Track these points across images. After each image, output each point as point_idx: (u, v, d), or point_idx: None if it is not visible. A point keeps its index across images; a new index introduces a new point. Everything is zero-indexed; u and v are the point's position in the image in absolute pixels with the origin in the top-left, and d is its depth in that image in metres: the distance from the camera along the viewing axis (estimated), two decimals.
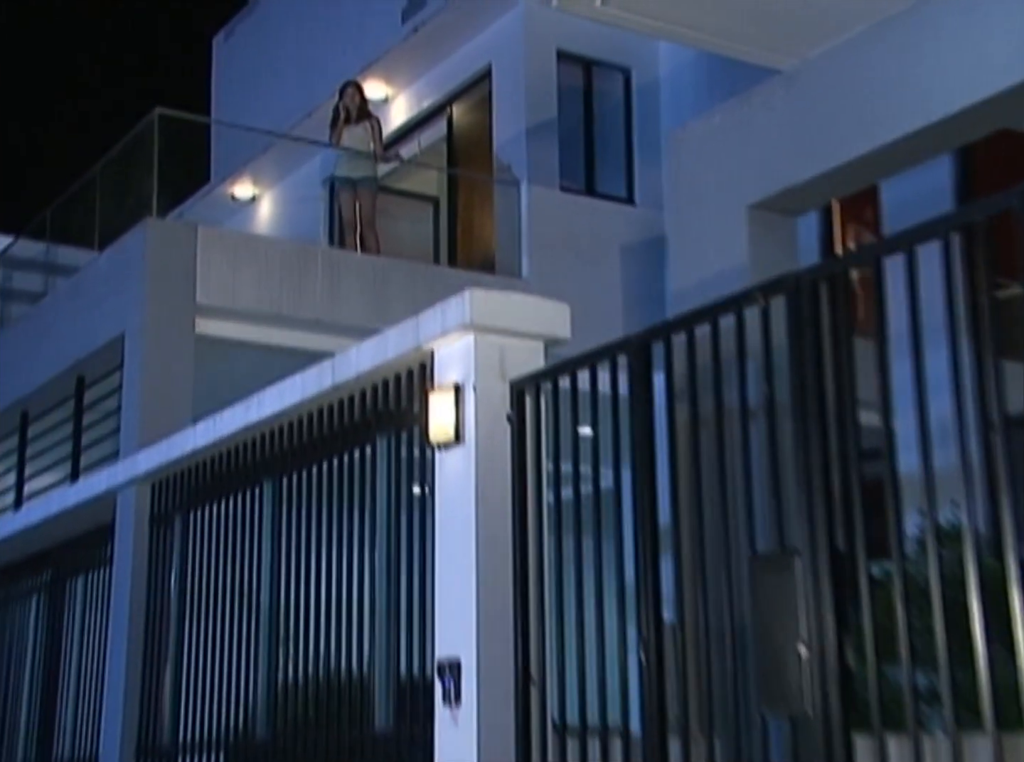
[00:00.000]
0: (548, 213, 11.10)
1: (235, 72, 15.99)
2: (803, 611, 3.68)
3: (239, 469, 6.82)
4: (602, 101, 11.91)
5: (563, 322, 5.03)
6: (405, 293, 10.12)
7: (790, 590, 3.70)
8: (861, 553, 3.60)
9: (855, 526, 3.63)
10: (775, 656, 3.71)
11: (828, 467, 3.76)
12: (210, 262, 9.55)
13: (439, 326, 5.05)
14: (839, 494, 3.71)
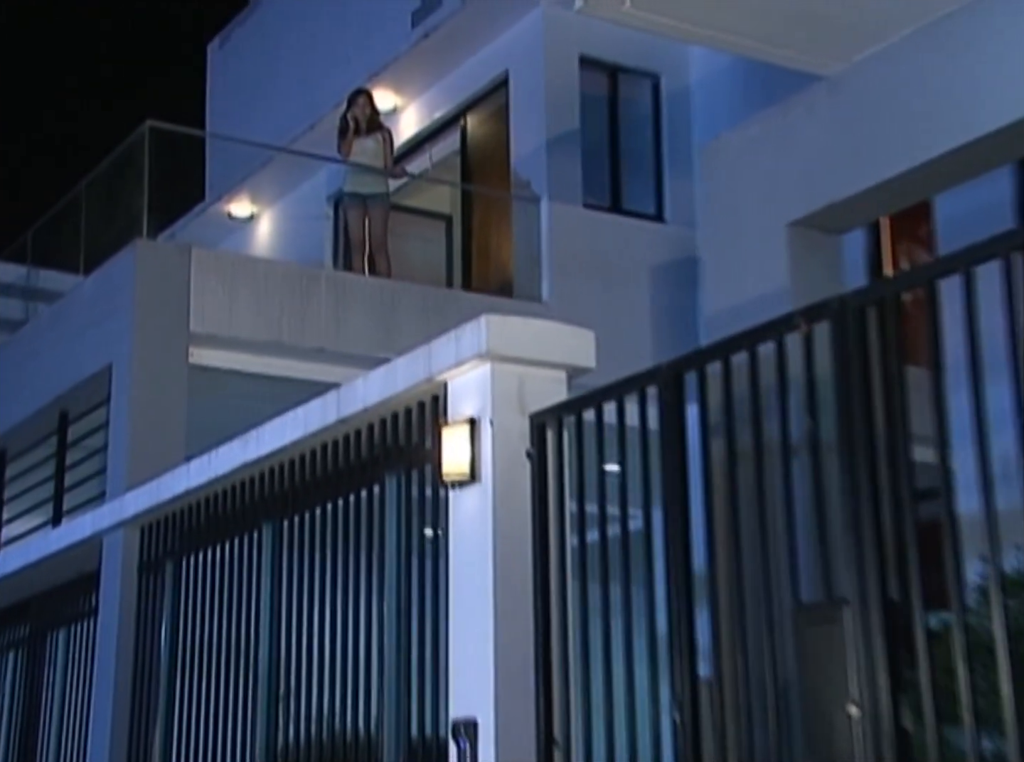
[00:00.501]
0: (570, 232, 11.13)
1: (232, 81, 16.13)
2: (853, 667, 3.64)
3: (236, 511, 6.82)
4: (629, 110, 11.97)
5: (587, 350, 5.07)
6: (416, 319, 10.15)
7: (839, 644, 3.67)
8: (917, 603, 3.56)
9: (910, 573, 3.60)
10: (822, 717, 3.68)
11: (879, 509, 3.73)
12: (205, 286, 9.60)
13: (453, 355, 5.09)
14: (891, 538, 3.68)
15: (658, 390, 4.47)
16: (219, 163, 15.26)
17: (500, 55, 11.87)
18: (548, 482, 4.89)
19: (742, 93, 11.03)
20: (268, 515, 6.54)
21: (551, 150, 11.26)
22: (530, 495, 4.91)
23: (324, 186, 13.81)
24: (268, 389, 9.73)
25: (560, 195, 11.17)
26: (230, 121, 15.72)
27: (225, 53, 16.32)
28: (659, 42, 10.86)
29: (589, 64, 11.67)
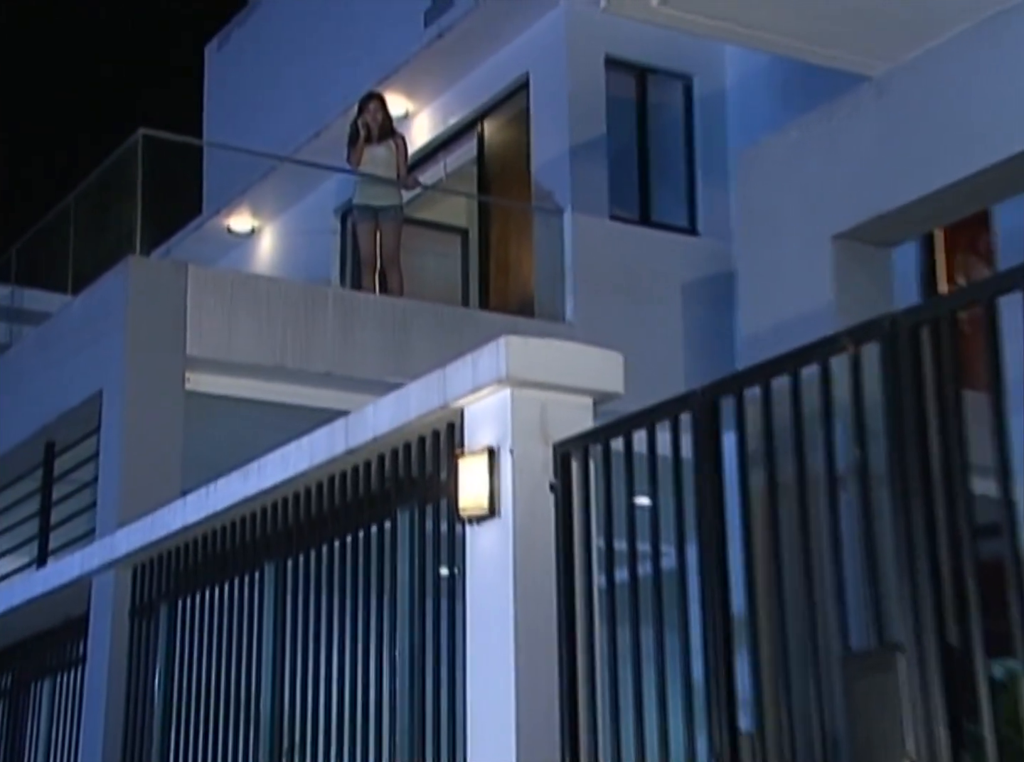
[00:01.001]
0: (596, 246, 11.14)
1: (231, 86, 16.23)
2: (909, 720, 3.60)
3: (236, 549, 6.82)
4: (659, 115, 11.99)
5: (615, 374, 5.08)
6: (430, 341, 10.17)
7: (892, 694, 3.63)
8: (978, 649, 3.53)
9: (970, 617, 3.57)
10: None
11: (936, 546, 3.70)
12: (203, 307, 9.63)
13: (470, 380, 5.11)
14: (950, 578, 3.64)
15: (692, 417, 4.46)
16: (217, 174, 15.33)
17: (520, 56, 11.92)
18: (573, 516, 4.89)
19: (781, 95, 11.03)
20: (271, 554, 6.53)
21: (575, 158, 11.28)
22: (554, 531, 4.90)
23: (331, 198, 13.86)
24: (270, 417, 9.74)
25: (585, 206, 11.19)
26: (229, 129, 15.80)
27: (224, 56, 16.42)
28: (691, 41, 10.86)
29: (615, 65, 11.69)
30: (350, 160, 11.35)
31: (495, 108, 12.39)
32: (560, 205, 11.22)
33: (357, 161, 11.29)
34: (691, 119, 11.92)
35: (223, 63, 16.44)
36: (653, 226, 11.52)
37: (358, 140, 11.24)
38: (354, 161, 11.31)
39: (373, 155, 11.23)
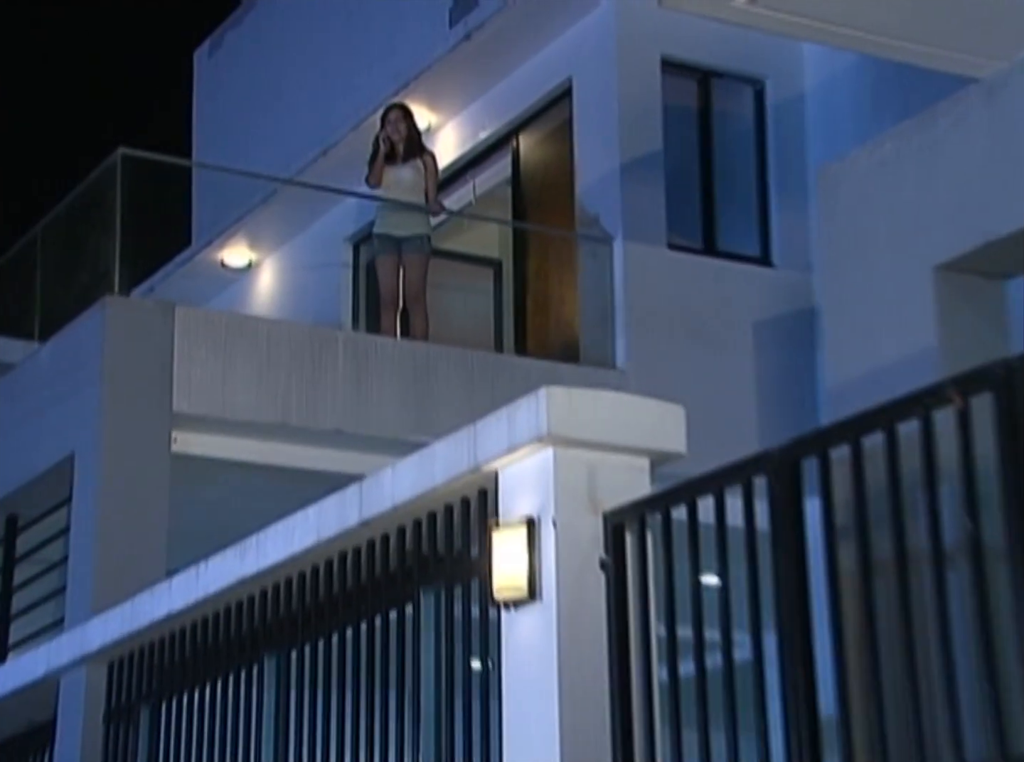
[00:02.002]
0: (652, 280, 11.15)
1: (224, 97, 16.37)
2: None
3: (231, 641, 6.81)
4: (725, 125, 12.00)
5: (676, 430, 5.09)
6: (457, 393, 10.17)
7: None
8: None
9: None
10: None
11: None
12: (192, 354, 9.67)
13: (505, 438, 5.12)
14: None
15: (768, 481, 4.45)
16: (209, 200, 15.43)
17: (561, 59, 11.97)
18: (628, 599, 4.87)
19: (871, 101, 11.03)
20: (272, 645, 6.52)
21: (627, 177, 11.30)
22: (605, 616, 4.89)
23: (341, 226, 13.92)
24: (272, 484, 9.75)
25: (638, 233, 11.19)
26: (222, 147, 15.92)
27: (215, 63, 16.56)
28: (763, 39, 10.86)
29: (674, 68, 11.73)
30: (369, 182, 11.40)
31: (532, 120, 12.44)
32: (609, 232, 11.24)
33: (377, 182, 11.33)
34: (763, 130, 11.93)
35: (215, 70, 16.58)
36: (719, 256, 11.53)
37: (378, 157, 11.28)
38: (373, 183, 11.35)
39: (396, 176, 11.27)
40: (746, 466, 4.56)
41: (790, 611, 4.34)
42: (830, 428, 4.38)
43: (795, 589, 4.34)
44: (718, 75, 11.95)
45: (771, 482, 4.43)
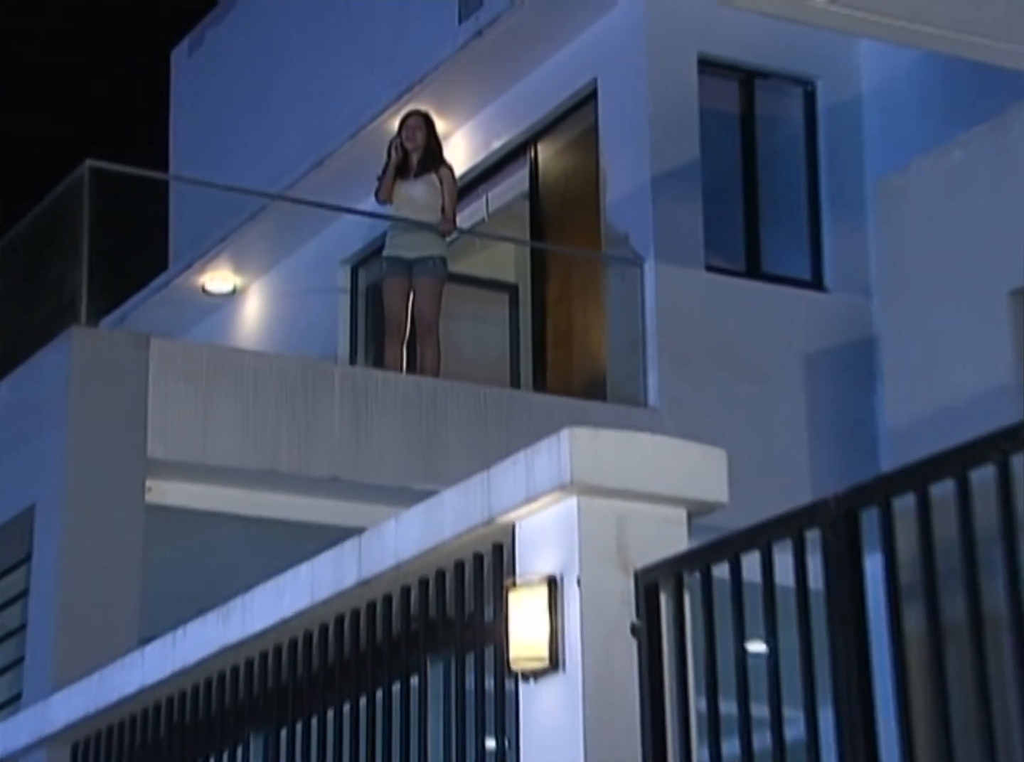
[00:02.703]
0: (688, 306, 11.16)
1: (205, 102, 16.43)
2: None
3: (213, 717, 6.78)
4: (772, 131, 12.02)
5: (717, 477, 5.08)
6: (469, 434, 10.16)
7: None
8: None
9: None
10: None
11: None
12: (169, 392, 9.67)
13: (523, 486, 5.12)
14: None
15: (823, 534, 4.44)
16: (188, 218, 15.48)
17: (585, 58, 11.99)
18: (663, 669, 4.85)
19: (938, 105, 11.03)
20: (258, 722, 6.49)
21: (659, 190, 11.31)
22: (638, 688, 4.86)
23: (338, 246, 13.94)
24: (259, 538, 9.74)
25: (673, 254, 11.20)
26: (204, 158, 15.98)
27: (196, 63, 16.63)
28: (813, 34, 10.87)
29: (713, 68, 11.75)
30: (378, 197, 11.40)
31: (552, 127, 12.47)
32: (639, 252, 11.25)
33: (387, 199, 11.32)
34: (815, 137, 11.94)
35: (195, 72, 16.65)
36: (764, 279, 11.53)
37: (388, 170, 11.27)
38: (382, 198, 11.35)
39: (408, 192, 11.26)
40: (797, 517, 4.54)
41: (848, 683, 4.32)
42: (893, 474, 4.36)
43: (854, 658, 4.31)
44: (763, 75, 11.96)
45: (826, 535, 4.42)
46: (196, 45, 16.64)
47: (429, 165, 11.30)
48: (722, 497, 5.04)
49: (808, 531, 4.47)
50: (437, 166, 11.36)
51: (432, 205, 11.21)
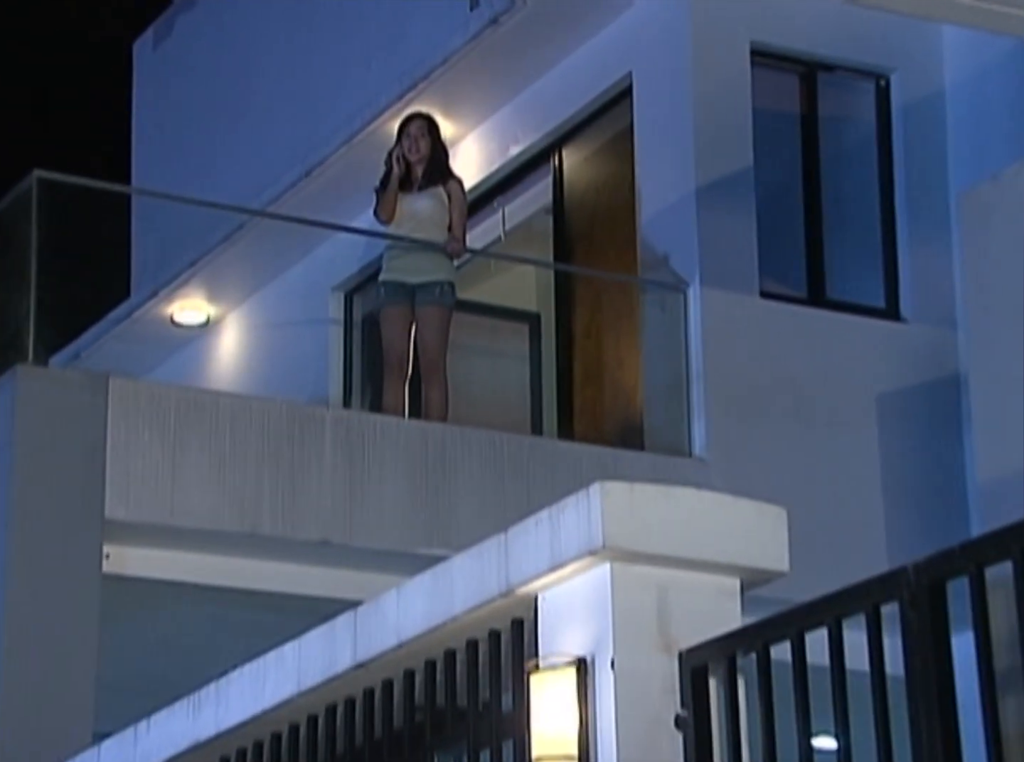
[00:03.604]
0: (741, 338, 11.17)
1: (173, 102, 16.45)
2: None
3: None
4: (838, 134, 12.03)
5: (775, 540, 5.12)
6: (483, 489, 10.16)
7: None
8: None
9: None
10: None
11: None
12: (131, 440, 9.66)
13: (546, 551, 5.16)
14: None
15: (902, 609, 4.42)
16: (153, 238, 15.50)
17: (618, 49, 12.00)
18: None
19: None
20: None
21: (706, 202, 11.31)
22: None
23: (327, 270, 13.96)
24: (237, 613, 9.73)
25: (722, 278, 11.21)
26: (171, 168, 16.02)
27: (162, 57, 16.66)
28: (886, 20, 10.90)
29: (769, 60, 11.76)
30: (379, 215, 11.38)
31: (580, 130, 12.50)
32: (683, 276, 11.25)
33: (388, 217, 11.31)
34: (889, 140, 11.94)
35: (161, 68, 16.69)
36: (830, 307, 11.53)
37: (389, 183, 11.25)
38: (383, 215, 11.34)
39: (412, 208, 11.25)
40: (872, 589, 4.53)
41: None
42: (985, 538, 4.34)
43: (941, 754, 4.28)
44: (827, 68, 11.98)
45: (905, 610, 4.40)
46: (162, 35, 16.67)
47: (435, 177, 11.30)
48: (782, 564, 5.06)
49: (885, 605, 4.46)
50: (444, 178, 11.36)
51: (438, 222, 11.21)
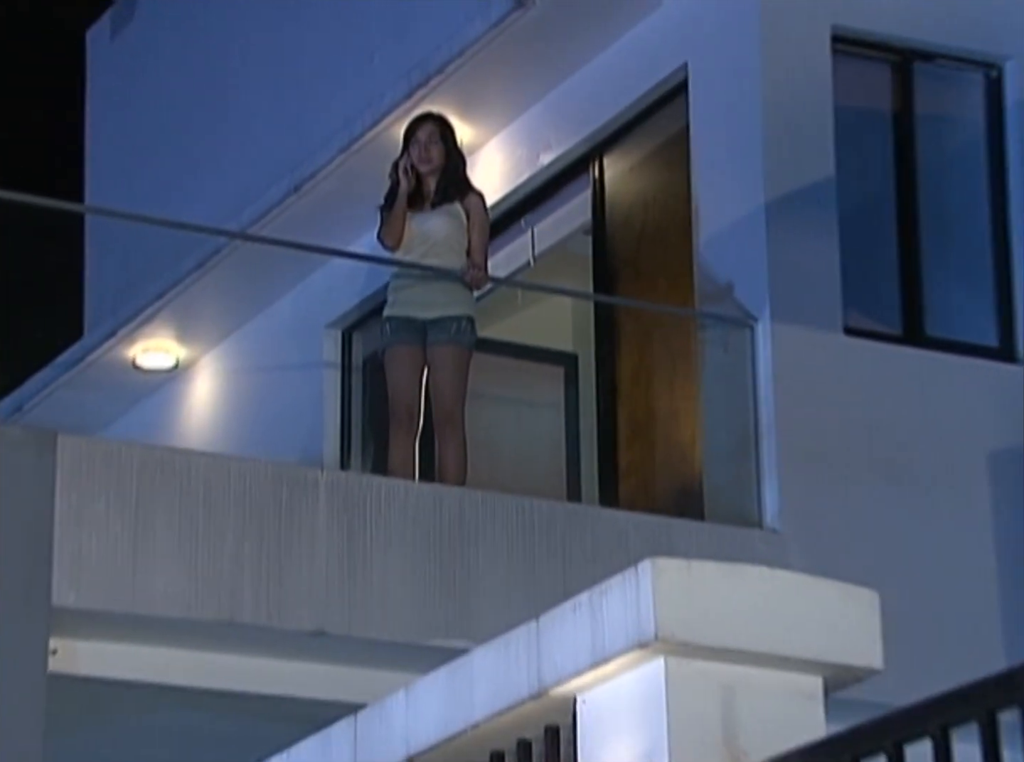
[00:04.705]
0: (820, 384, 11.16)
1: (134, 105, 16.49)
2: None
3: None
4: (939, 136, 12.04)
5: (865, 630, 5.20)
6: (508, 567, 10.12)
7: None
8: None
9: None
10: None
11: None
12: (85, 510, 9.64)
13: (587, 642, 5.20)
14: None
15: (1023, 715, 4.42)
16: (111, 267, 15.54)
17: (670, 36, 12.03)
18: None
19: None
20: None
21: (777, 221, 11.32)
22: None
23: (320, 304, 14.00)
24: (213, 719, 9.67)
25: (797, 311, 11.22)
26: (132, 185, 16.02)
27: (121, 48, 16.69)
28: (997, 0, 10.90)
29: (852, 47, 11.78)
30: (383, 240, 11.34)
31: (624, 133, 12.53)
32: (749, 309, 11.25)
33: (395, 242, 11.27)
34: (1001, 143, 11.97)
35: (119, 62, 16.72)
36: (930, 345, 11.54)
37: (395, 199, 11.22)
38: (388, 240, 11.30)
39: (423, 229, 11.21)
40: (986, 690, 4.52)
41: None
42: None
43: None
44: (926, 57, 12.01)
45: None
46: (121, 23, 16.72)
47: (451, 191, 11.28)
48: (874, 660, 5.14)
49: (1002, 710, 4.46)
50: (462, 192, 11.34)
51: (454, 246, 11.20)
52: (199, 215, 14.29)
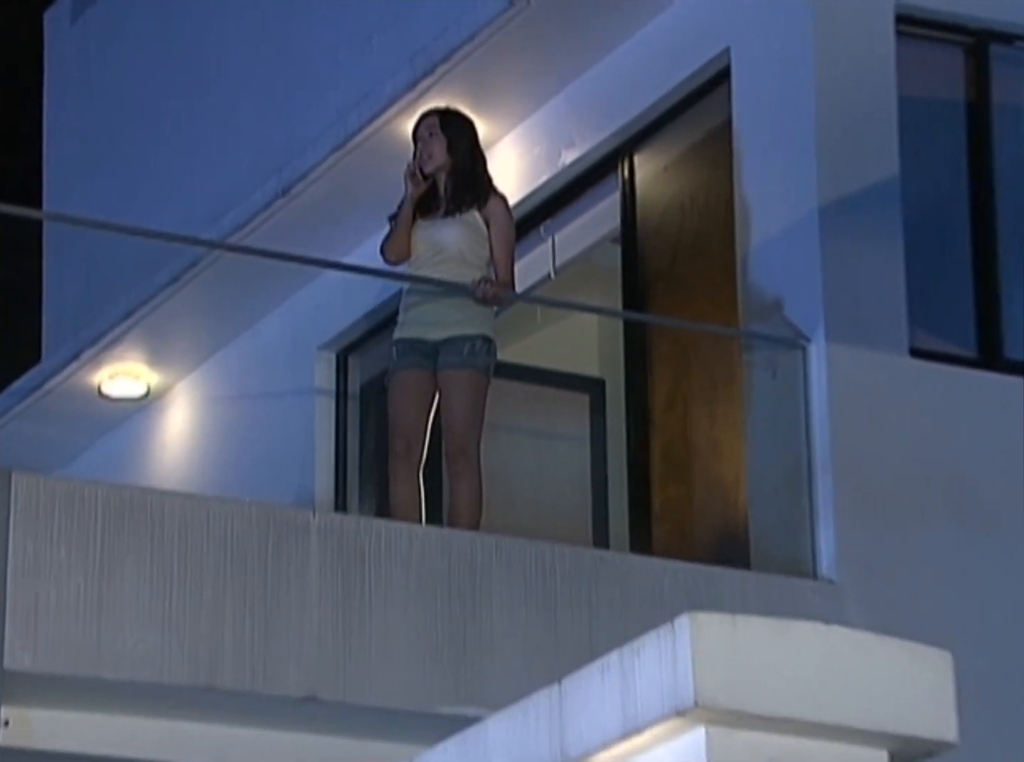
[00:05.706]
0: (883, 413, 11.19)
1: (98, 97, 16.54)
2: None
3: None
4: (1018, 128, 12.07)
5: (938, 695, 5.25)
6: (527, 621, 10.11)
7: None
8: None
9: None
10: None
11: None
12: (42, 557, 9.65)
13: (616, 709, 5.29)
14: None
15: None
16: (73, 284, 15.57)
17: (711, 19, 12.10)
18: None
19: None
20: None
21: (832, 227, 11.34)
22: None
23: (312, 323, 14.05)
24: None
25: (856, 331, 11.26)
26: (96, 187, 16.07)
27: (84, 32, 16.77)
28: None
29: (920, 28, 11.84)
30: (387, 254, 11.35)
31: (658, 128, 12.60)
32: (802, 329, 11.28)
33: (400, 256, 11.29)
34: None
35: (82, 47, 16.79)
36: (1008, 369, 11.57)
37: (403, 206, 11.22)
38: (394, 257, 11.33)
39: (433, 239, 11.20)
40: None
41: None
42: None
43: None
44: (1004, 39, 12.06)
45: None
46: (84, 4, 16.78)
47: (466, 195, 11.26)
48: (947, 731, 5.20)
49: None
50: (480, 197, 11.32)
51: (470, 258, 11.16)
52: (173, 222, 14.32)
